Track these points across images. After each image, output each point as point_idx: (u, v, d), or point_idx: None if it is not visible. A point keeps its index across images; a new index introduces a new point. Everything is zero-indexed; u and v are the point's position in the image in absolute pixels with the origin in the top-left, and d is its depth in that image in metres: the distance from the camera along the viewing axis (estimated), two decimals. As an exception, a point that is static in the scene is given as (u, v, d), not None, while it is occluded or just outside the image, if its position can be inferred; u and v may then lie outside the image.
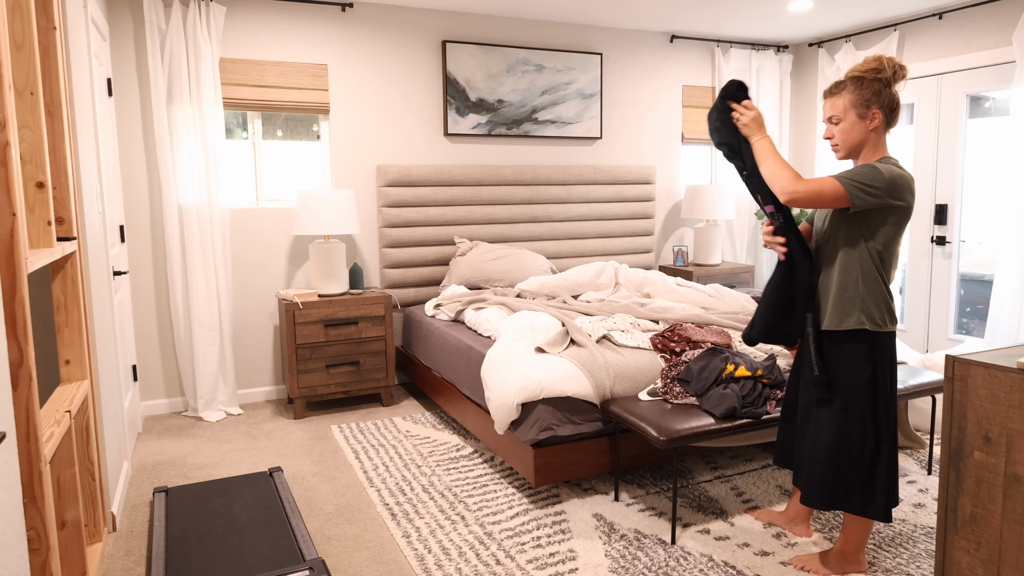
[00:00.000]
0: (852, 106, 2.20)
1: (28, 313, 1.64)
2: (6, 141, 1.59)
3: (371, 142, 4.58)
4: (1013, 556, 1.81)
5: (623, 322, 3.48)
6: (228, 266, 4.15)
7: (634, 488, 3.08)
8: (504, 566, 2.46)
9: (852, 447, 2.25)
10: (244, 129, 4.35)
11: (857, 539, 2.38)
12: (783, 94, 5.79)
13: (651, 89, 5.40)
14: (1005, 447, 1.80)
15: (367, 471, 3.30)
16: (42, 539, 1.72)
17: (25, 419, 1.65)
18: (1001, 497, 1.82)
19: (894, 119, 2.22)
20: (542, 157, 5.09)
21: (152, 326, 4.15)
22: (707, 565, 2.46)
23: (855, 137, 2.22)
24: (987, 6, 4.48)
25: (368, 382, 4.22)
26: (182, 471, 3.36)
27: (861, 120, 2.20)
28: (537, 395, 2.81)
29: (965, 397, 1.89)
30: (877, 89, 2.18)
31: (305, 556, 2.38)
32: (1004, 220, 4.30)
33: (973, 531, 1.90)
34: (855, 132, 2.21)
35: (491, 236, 4.86)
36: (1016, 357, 1.88)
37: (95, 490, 2.54)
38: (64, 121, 2.28)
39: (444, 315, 4.14)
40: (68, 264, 2.35)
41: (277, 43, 4.27)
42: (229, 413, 4.20)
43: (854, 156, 2.26)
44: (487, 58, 4.77)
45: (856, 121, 2.20)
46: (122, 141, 4.00)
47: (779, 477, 3.17)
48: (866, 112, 2.19)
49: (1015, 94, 4.20)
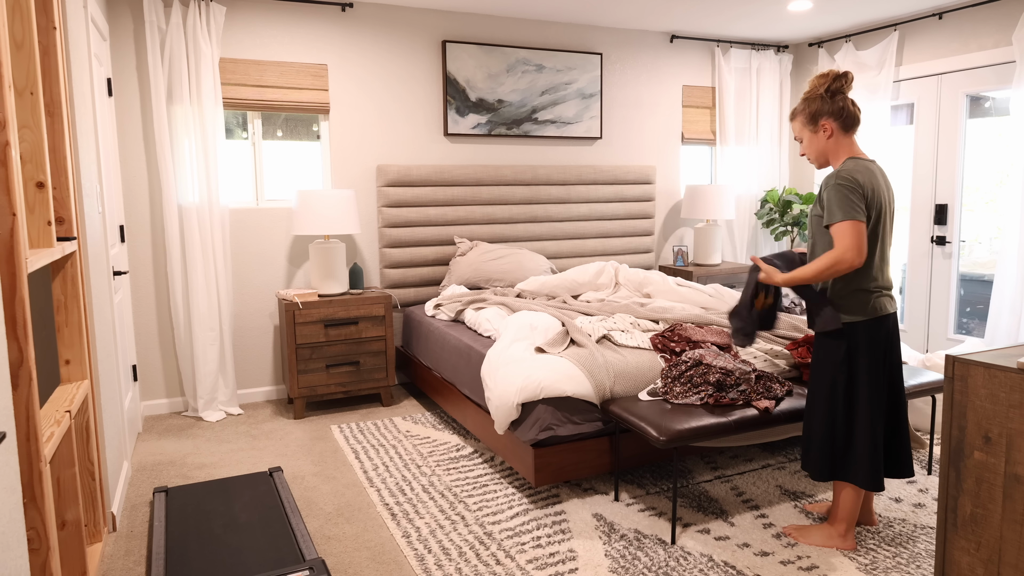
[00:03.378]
0: (804, 125, 2.49)
1: (28, 313, 1.64)
2: (6, 141, 1.59)
3: (371, 142, 4.59)
4: (1013, 556, 1.81)
5: (623, 322, 3.48)
6: (228, 266, 4.16)
7: (634, 488, 3.08)
8: (504, 566, 2.47)
9: (835, 420, 2.47)
10: (244, 129, 4.36)
11: (843, 511, 2.52)
12: (783, 94, 5.79)
13: (651, 89, 5.40)
14: (1005, 447, 1.80)
15: (367, 471, 3.30)
16: (42, 539, 1.72)
17: (25, 419, 1.65)
18: (1001, 497, 1.82)
19: (850, 123, 2.44)
20: (542, 157, 5.09)
21: (152, 326, 4.15)
22: (707, 565, 2.46)
23: (816, 149, 2.49)
24: (987, 6, 4.48)
25: (368, 382, 4.22)
26: (182, 471, 3.36)
27: (815, 134, 2.48)
28: (537, 395, 2.81)
29: (965, 397, 1.89)
30: (819, 104, 2.44)
31: (305, 556, 2.38)
32: (1004, 220, 4.30)
33: (973, 531, 1.90)
34: (815, 145, 2.49)
35: (491, 236, 4.86)
36: (1016, 357, 1.88)
37: (95, 490, 2.54)
38: (64, 121, 2.28)
39: (444, 315, 4.14)
40: (68, 264, 2.35)
41: (277, 43, 4.27)
42: (229, 413, 4.20)
43: (825, 163, 2.52)
44: (487, 58, 4.77)
45: (812, 136, 2.48)
46: (122, 141, 4.00)
47: (779, 477, 3.17)
48: (816, 126, 2.46)
49: (1015, 94, 4.20)
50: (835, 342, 2.45)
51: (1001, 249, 4.31)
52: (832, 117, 2.43)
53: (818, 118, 2.44)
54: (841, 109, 2.42)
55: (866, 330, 2.42)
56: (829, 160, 2.49)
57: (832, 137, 2.44)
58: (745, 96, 5.64)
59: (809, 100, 2.46)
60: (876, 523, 2.73)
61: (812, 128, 2.47)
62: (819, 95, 2.44)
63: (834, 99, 2.42)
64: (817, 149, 2.48)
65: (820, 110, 2.44)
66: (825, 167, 2.53)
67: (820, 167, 2.53)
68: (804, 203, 5.37)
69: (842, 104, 2.42)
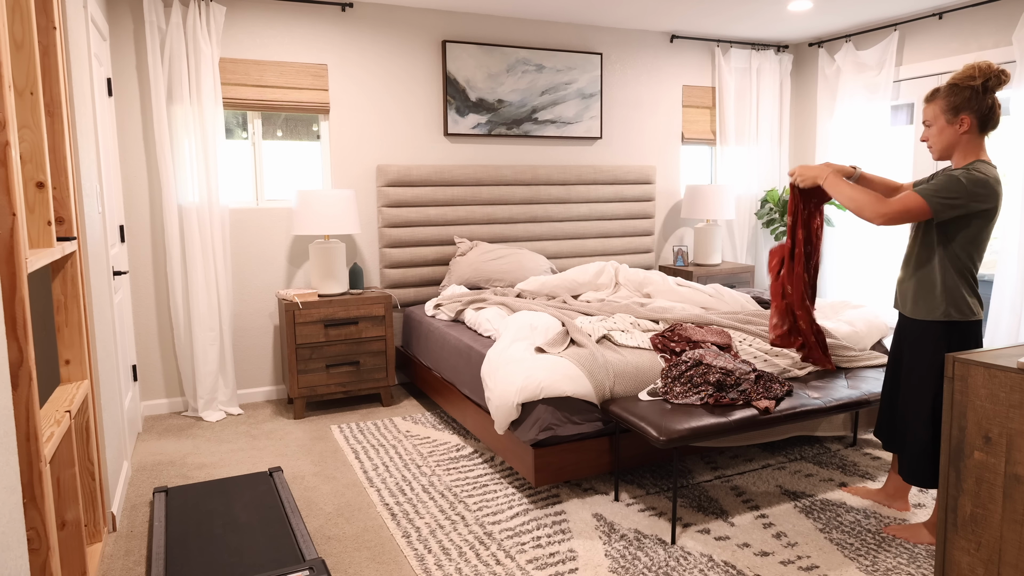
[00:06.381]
0: (942, 112, 2.36)
1: (28, 313, 1.64)
2: (6, 141, 1.59)
3: (371, 142, 4.59)
4: (1013, 556, 1.81)
5: (623, 322, 3.48)
6: (228, 266, 4.15)
7: (634, 488, 3.08)
8: (504, 566, 2.47)
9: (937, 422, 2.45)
10: (244, 129, 4.35)
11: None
12: (783, 94, 5.79)
13: (651, 89, 5.40)
14: (1005, 447, 1.80)
15: (367, 471, 3.30)
16: (42, 539, 1.72)
17: (25, 419, 1.65)
18: (1001, 497, 1.82)
19: (990, 124, 2.34)
20: (542, 157, 5.09)
21: (152, 326, 4.15)
22: (707, 565, 2.46)
23: (945, 140, 2.38)
24: (987, 6, 4.48)
25: (368, 382, 4.22)
26: (182, 471, 3.36)
27: (950, 125, 2.36)
28: (537, 395, 2.81)
29: (965, 397, 1.89)
30: (968, 96, 2.31)
31: (305, 556, 2.38)
32: (1004, 220, 4.29)
33: (973, 531, 1.90)
34: (945, 136, 2.38)
35: (491, 236, 4.86)
36: (1016, 357, 1.88)
37: (95, 490, 2.54)
38: (64, 121, 2.28)
39: (444, 315, 4.14)
40: (68, 264, 2.35)
41: (277, 43, 4.27)
42: (229, 413, 4.20)
43: (947, 157, 2.41)
44: (487, 58, 4.77)
45: (945, 126, 2.37)
46: (122, 141, 4.00)
47: (779, 477, 3.17)
48: (954, 118, 2.34)
49: (1015, 94, 4.20)
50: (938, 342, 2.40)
51: (1001, 249, 4.31)
52: (975, 113, 2.31)
53: (960, 110, 2.32)
54: (990, 108, 2.31)
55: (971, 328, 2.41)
56: (953, 155, 2.39)
57: (966, 133, 2.34)
58: (745, 96, 5.64)
59: (958, 88, 2.32)
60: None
61: (949, 118, 2.34)
62: (973, 87, 2.29)
63: (986, 95, 2.30)
64: (946, 141, 2.37)
65: (967, 102, 2.31)
66: (945, 160, 2.43)
67: (939, 158, 2.42)
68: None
69: (991, 103, 2.31)
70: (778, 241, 5.69)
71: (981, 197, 2.27)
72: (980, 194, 2.26)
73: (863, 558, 2.49)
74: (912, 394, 2.49)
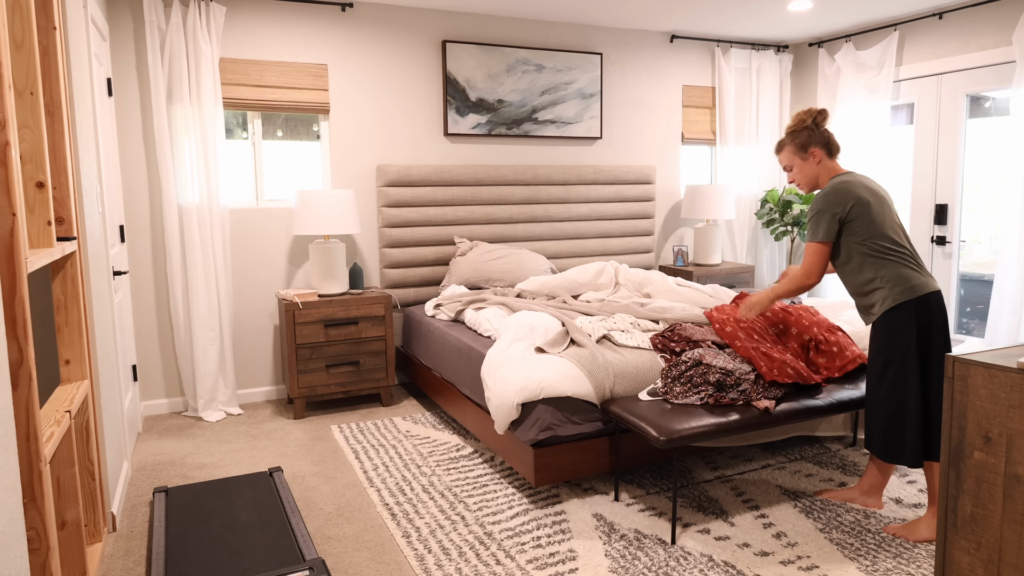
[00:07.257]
0: (794, 153, 2.77)
1: (28, 313, 1.64)
2: (6, 141, 1.59)
3: (371, 142, 4.59)
4: (1013, 556, 1.81)
5: (623, 322, 3.48)
6: (228, 266, 4.15)
7: (634, 488, 3.08)
8: (504, 566, 2.46)
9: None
10: (244, 129, 4.35)
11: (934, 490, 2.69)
12: (783, 94, 5.79)
13: (651, 89, 5.40)
14: (1005, 447, 1.80)
15: (367, 471, 3.30)
16: (42, 539, 1.72)
17: (25, 419, 1.65)
18: (1001, 497, 1.82)
19: (834, 148, 2.75)
20: (542, 157, 5.09)
21: (152, 326, 4.15)
22: (707, 565, 2.46)
23: (807, 174, 2.77)
24: (987, 6, 4.48)
25: (368, 382, 4.22)
26: (182, 471, 3.36)
27: (805, 162, 2.76)
28: (537, 395, 2.81)
29: (965, 397, 1.89)
30: (808, 134, 2.74)
31: (305, 556, 2.38)
32: (1004, 220, 4.30)
33: (973, 531, 1.90)
34: (806, 170, 2.77)
35: (491, 236, 4.86)
36: (1016, 357, 1.88)
37: (95, 490, 2.54)
38: (64, 121, 2.28)
39: (444, 315, 4.14)
40: (68, 264, 2.35)
41: (277, 43, 4.27)
42: (229, 413, 4.20)
43: (815, 187, 2.79)
44: (487, 58, 4.77)
45: (802, 163, 2.76)
46: (122, 141, 4.00)
47: (779, 477, 3.17)
48: (806, 154, 2.75)
49: (1015, 94, 4.20)
50: (909, 327, 2.58)
51: (1001, 249, 4.31)
52: (819, 145, 2.72)
53: (807, 146, 2.73)
54: (824, 137, 2.73)
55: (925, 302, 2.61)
56: (818, 183, 2.77)
57: (820, 162, 2.74)
58: (745, 96, 5.64)
59: (798, 132, 2.75)
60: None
61: (803, 155, 2.75)
62: (807, 126, 2.74)
63: (819, 129, 2.73)
64: (809, 174, 2.76)
65: (809, 139, 2.73)
66: (814, 191, 2.81)
67: (809, 191, 2.81)
68: (804, 203, 5.36)
69: (826, 134, 2.73)
70: (778, 241, 5.70)
71: (839, 202, 2.59)
72: (836, 200, 2.59)
73: (863, 558, 2.49)
74: (895, 381, 2.61)
